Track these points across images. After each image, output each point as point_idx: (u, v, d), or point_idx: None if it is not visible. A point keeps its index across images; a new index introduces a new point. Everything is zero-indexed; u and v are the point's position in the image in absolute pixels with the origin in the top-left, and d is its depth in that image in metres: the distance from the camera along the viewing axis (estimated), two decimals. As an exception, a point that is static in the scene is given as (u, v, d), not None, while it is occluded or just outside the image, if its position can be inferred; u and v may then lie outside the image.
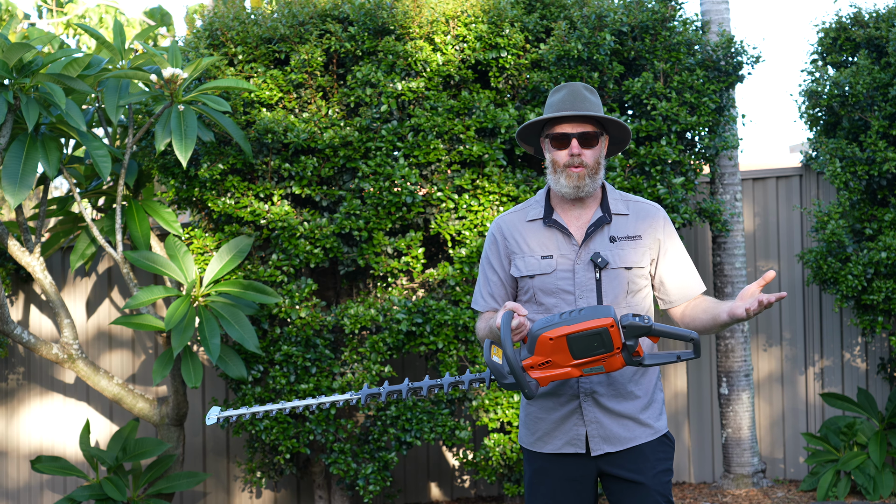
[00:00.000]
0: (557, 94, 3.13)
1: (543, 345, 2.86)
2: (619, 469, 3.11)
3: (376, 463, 5.75)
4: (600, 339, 2.83)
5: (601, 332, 2.83)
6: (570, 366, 2.88)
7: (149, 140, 5.85)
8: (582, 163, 3.08)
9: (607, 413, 3.11)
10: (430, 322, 5.63)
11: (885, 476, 6.04)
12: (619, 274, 3.10)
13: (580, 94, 3.11)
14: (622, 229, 3.13)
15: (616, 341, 2.85)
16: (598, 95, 3.16)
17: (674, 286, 3.18)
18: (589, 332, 2.83)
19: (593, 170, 3.10)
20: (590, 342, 2.84)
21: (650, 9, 5.87)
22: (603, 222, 3.12)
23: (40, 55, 5.36)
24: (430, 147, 5.66)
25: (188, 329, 5.42)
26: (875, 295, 5.98)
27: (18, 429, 6.94)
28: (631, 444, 3.11)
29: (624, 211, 3.16)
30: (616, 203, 3.17)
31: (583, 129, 3.09)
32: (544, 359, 2.87)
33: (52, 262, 6.84)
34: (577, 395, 3.11)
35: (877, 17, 6.34)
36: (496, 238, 3.22)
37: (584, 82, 5.68)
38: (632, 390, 3.12)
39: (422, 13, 5.73)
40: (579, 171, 3.08)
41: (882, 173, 6.06)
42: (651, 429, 3.14)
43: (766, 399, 6.80)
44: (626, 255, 3.11)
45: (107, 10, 10.71)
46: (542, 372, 2.89)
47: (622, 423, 3.11)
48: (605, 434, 3.11)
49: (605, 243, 3.11)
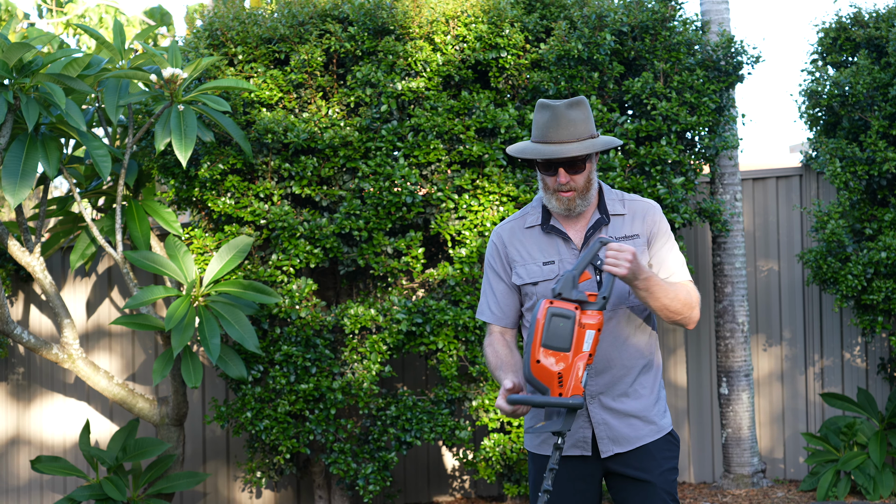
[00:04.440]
0: (542, 116, 3.05)
1: (541, 372, 2.84)
2: (626, 468, 3.11)
3: (376, 463, 5.75)
4: (566, 321, 2.84)
5: (562, 312, 2.83)
6: (571, 358, 2.86)
7: (149, 140, 5.85)
8: (571, 188, 3.06)
9: (614, 414, 3.10)
10: (430, 322, 5.63)
11: (885, 476, 6.03)
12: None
13: (564, 117, 3.02)
14: (620, 229, 3.12)
15: (570, 306, 2.85)
16: (588, 107, 3.08)
17: (661, 275, 3.13)
18: (551, 323, 2.83)
19: (584, 190, 3.08)
20: (556, 324, 2.84)
21: (650, 9, 5.87)
22: (601, 224, 3.12)
23: (40, 55, 5.36)
24: (430, 147, 5.66)
25: (188, 329, 5.42)
26: (875, 295, 5.98)
27: (18, 428, 6.94)
28: (638, 443, 3.10)
29: (621, 211, 3.15)
30: (613, 204, 3.16)
31: (568, 157, 3.03)
32: (556, 376, 2.85)
33: (52, 262, 6.84)
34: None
35: (877, 17, 6.34)
36: (497, 247, 3.20)
37: (584, 82, 5.70)
38: (636, 389, 3.11)
39: (422, 13, 5.73)
40: (569, 195, 3.06)
41: (882, 173, 6.06)
42: (656, 426, 3.13)
43: (766, 399, 6.80)
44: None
45: (107, 9, 10.71)
46: (566, 382, 2.87)
47: (628, 423, 3.10)
48: (613, 435, 3.10)
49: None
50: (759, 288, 6.79)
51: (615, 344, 3.09)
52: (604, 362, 3.08)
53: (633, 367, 3.11)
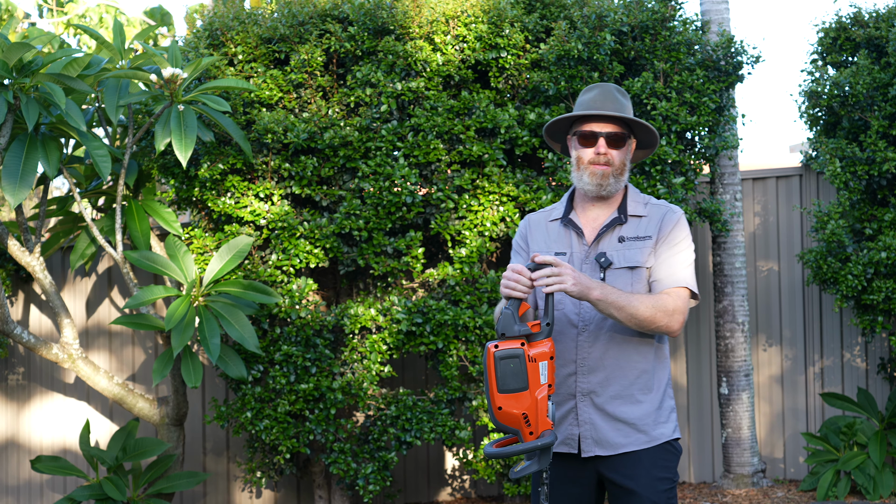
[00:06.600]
0: (589, 93, 3.15)
1: (507, 417, 2.83)
2: (614, 473, 3.08)
3: (376, 463, 5.75)
4: (515, 360, 2.82)
5: (509, 354, 2.81)
6: (531, 396, 2.83)
7: (149, 140, 5.85)
8: (608, 161, 3.09)
9: (604, 415, 3.07)
10: (429, 322, 5.63)
11: (885, 476, 6.03)
12: (623, 274, 3.07)
13: (611, 95, 3.12)
14: (634, 230, 3.12)
15: (515, 344, 2.83)
16: (630, 98, 3.16)
17: (651, 280, 3.11)
18: (501, 367, 2.82)
19: (618, 170, 3.11)
20: (506, 367, 2.82)
21: (650, 9, 5.87)
22: (616, 223, 3.12)
23: (40, 55, 5.36)
24: (430, 147, 5.66)
25: (188, 329, 5.42)
26: (875, 295, 5.98)
27: (18, 428, 6.94)
28: (623, 449, 3.06)
29: (641, 213, 3.15)
30: (635, 205, 3.17)
31: (611, 129, 3.11)
32: (521, 417, 2.84)
33: (52, 262, 6.84)
34: (573, 395, 3.09)
35: (877, 17, 6.34)
36: (522, 233, 3.28)
37: (584, 82, 5.69)
38: (633, 393, 3.08)
39: (422, 13, 5.73)
40: (604, 168, 3.09)
41: (882, 173, 6.05)
42: (647, 436, 3.08)
43: (766, 399, 6.80)
44: (632, 255, 3.09)
45: (107, 9, 10.71)
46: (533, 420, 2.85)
47: (618, 427, 3.07)
48: (596, 437, 3.08)
49: (614, 243, 3.11)
50: (759, 288, 6.79)
51: (609, 345, 3.07)
52: (596, 361, 3.07)
53: (629, 370, 3.08)
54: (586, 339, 3.08)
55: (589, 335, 3.08)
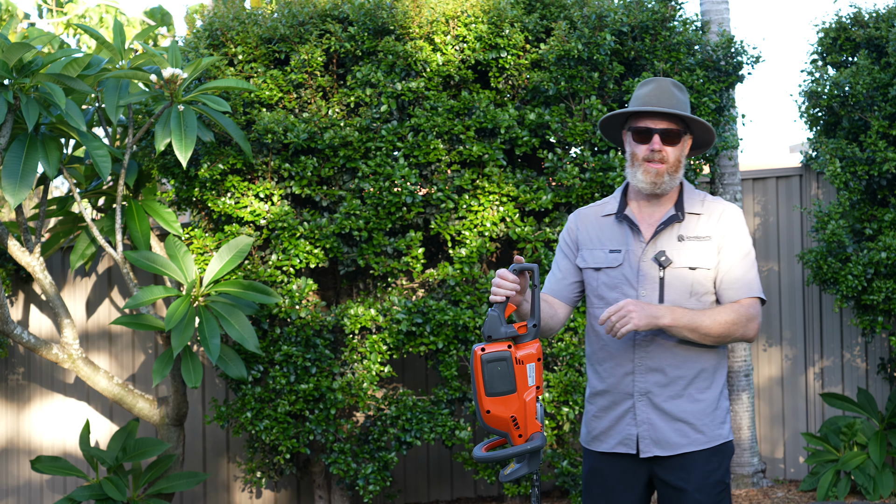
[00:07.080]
0: (645, 88, 3.07)
1: (495, 421, 2.80)
2: (668, 474, 3.04)
3: (376, 463, 5.75)
4: (503, 363, 2.79)
5: (495, 357, 2.79)
6: (519, 398, 2.80)
7: (149, 140, 5.85)
8: (663, 159, 3.02)
9: (662, 415, 3.03)
10: (430, 322, 5.63)
11: (885, 476, 6.03)
12: (683, 274, 3.02)
13: (667, 90, 3.04)
14: (693, 229, 3.05)
15: (502, 346, 2.81)
16: (686, 92, 3.10)
17: (720, 288, 3.06)
18: (488, 370, 2.79)
19: (673, 167, 3.03)
20: (493, 370, 2.79)
21: (650, 9, 5.87)
22: (674, 220, 3.05)
23: (40, 55, 5.36)
24: (430, 147, 5.66)
25: (188, 329, 5.42)
26: (875, 295, 5.98)
27: (19, 428, 6.94)
28: (681, 450, 3.02)
29: (699, 211, 3.08)
30: (692, 203, 3.09)
31: (666, 125, 3.02)
32: (509, 420, 2.82)
33: (52, 262, 6.84)
34: (631, 395, 3.05)
35: (877, 17, 6.34)
36: (570, 228, 3.20)
37: (584, 82, 5.70)
38: (691, 393, 3.04)
39: (422, 13, 5.73)
40: (658, 167, 3.02)
41: (882, 173, 6.05)
42: (705, 436, 3.04)
43: (766, 399, 6.80)
44: (692, 256, 3.03)
45: (107, 9, 10.71)
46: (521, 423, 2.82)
47: (676, 427, 3.03)
48: (655, 437, 3.04)
49: (673, 242, 3.04)
50: (759, 288, 6.79)
51: (664, 346, 3.03)
52: (654, 361, 3.03)
53: (687, 369, 3.04)
54: (644, 338, 3.03)
55: (647, 334, 3.02)
